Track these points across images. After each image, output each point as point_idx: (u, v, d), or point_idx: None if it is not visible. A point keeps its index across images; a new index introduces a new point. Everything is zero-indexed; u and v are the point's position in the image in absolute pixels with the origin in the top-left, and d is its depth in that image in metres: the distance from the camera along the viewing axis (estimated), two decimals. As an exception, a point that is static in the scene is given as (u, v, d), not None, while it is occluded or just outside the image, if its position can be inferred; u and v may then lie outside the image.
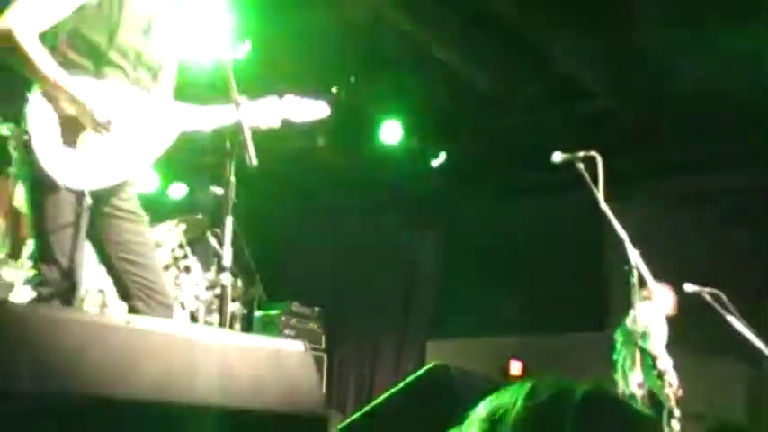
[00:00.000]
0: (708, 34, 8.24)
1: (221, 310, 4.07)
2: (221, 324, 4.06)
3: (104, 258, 4.04)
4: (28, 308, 3.27)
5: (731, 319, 6.85)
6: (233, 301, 8.19)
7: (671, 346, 8.09)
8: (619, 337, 8.18)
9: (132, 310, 3.96)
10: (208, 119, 4.23)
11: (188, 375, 3.02)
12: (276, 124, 4.28)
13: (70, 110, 3.73)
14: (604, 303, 9.94)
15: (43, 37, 3.75)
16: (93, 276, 5.85)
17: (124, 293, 4.04)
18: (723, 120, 9.57)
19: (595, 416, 1.40)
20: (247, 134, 3.83)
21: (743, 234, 9.84)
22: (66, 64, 3.77)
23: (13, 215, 5.84)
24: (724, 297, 6.87)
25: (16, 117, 3.82)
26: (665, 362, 7.98)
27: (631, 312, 6.37)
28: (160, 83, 4.17)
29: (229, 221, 3.93)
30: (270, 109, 4.23)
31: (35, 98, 3.71)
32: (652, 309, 7.89)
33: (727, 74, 8.74)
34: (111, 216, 4.00)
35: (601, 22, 8.48)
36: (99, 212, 3.92)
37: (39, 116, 3.70)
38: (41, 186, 3.73)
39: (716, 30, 8.15)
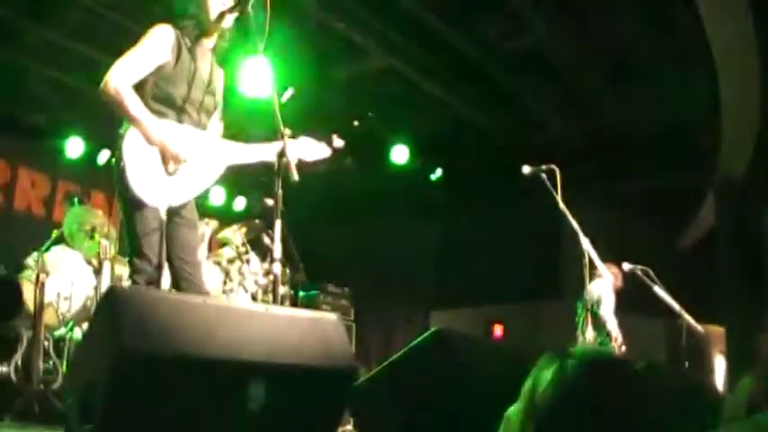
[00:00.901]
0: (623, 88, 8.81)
1: (274, 292, 4.10)
2: (274, 302, 4.10)
3: (167, 255, 4.07)
4: (132, 290, 3.33)
5: (656, 288, 6.91)
6: (282, 284, 8.21)
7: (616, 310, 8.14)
8: (579, 305, 8.21)
9: None
10: (251, 155, 4.25)
11: (250, 339, 3.06)
12: (294, 161, 4.07)
13: (153, 145, 3.79)
14: (561, 279, 9.97)
15: (133, 88, 3.82)
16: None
17: (174, 282, 4.14)
18: (638, 142, 9.76)
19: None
20: (290, 158, 3.85)
21: (657, 225, 10.02)
22: (149, 110, 3.84)
23: (121, 224, 5.90)
24: (651, 272, 6.93)
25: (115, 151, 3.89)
26: (612, 324, 8.00)
27: (588, 286, 6.47)
28: (212, 123, 4.25)
29: (278, 224, 3.94)
30: (292, 149, 4.07)
31: (128, 137, 3.77)
32: (603, 283, 7.94)
33: (639, 113, 9.18)
34: (176, 225, 4.06)
35: (556, 76, 8.64)
36: (169, 221, 3.98)
37: (130, 150, 3.77)
38: (133, 203, 3.80)
39: (628, 85, 8.77)
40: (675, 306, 7.02)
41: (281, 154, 3.90)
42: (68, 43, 8.21)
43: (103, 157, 9.90)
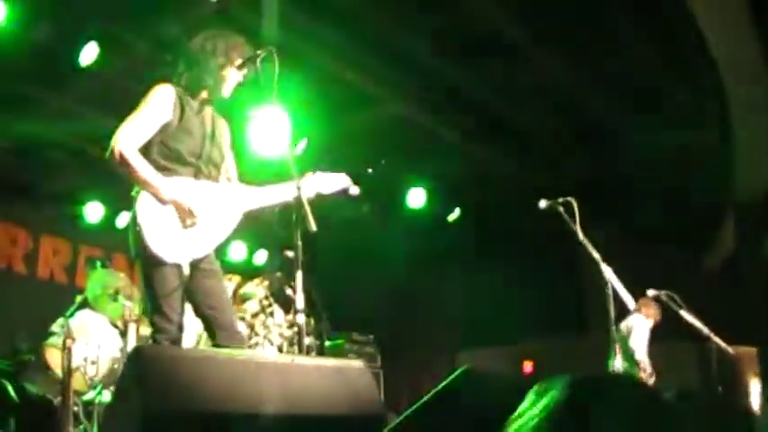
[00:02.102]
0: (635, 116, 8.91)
1: (299, 343, 4.09)
2: (299, 353, 4.08)
3: (195, 307, 4.12)
4: (157, 350, 3.33)
5: (682, 312, 6.86)
6: (307, 335, 8.20)
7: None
8: (613, 335, 8.23)
9: (215, 345, 4.04)
10: (266, 198, 4.29)
11: (277, 391, 3.05)
12: (311, 195, 4.21)
13: (165, 204, 3.82)
14: (587, 311, 9.91)
15: (140, 148, 3.88)
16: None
17: (209, 332, 4.13)
18: (654, 170, 9.83)
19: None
20: (307, 208, 3.85)
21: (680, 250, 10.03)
22: (158, 168, 3.88)
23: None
24: (677, 297, 6.88)
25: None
26: (641, 354, 8.00)
27: (624, 320, 7.25)
28: (222, 174, 4.28)
29: (299, 275, 3.94)
30: (306, 184, 4.16)
31: (141, 198, 3.81)
32: (637, 317, 8.17)
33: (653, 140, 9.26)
34: (199, 276, 4.07)
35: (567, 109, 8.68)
36: (191, 275, 4.01)
37: (145, 211, 3.79)
38: (151, 262, 3.81)
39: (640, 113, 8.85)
40: (704, 329, 6.96)
41: (299, 204, 3.91)
42: (84, 111, 8.35)
43: (123, 219, 9.98)
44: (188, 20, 6.81)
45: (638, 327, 8.28)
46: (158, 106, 3.99)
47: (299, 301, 3.99)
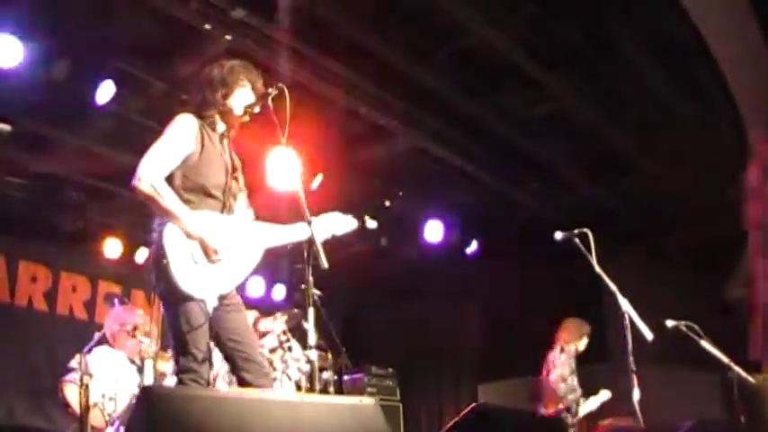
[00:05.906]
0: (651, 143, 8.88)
1: (311, 379, 4.09)
2: (311, 389, 4.07)
3: (218, 342, 4.07)
4: (167, 389, 3.34)
5: (703, 342, 6.79)
6: (326, 370, 8.21)
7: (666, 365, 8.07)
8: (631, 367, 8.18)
9: (241, 380, 4.02)
10: (281, 236, 4.27)
11: (289, 429, 3.05)
12: (326, 236, 4.26)
13: (192, 239, 3.82)
14: (606, 342, 9.82)
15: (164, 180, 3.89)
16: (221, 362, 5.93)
17: (233, 367, 4.10)
18: (670, 196, 9.83)
19: None
20: (319, 246, 3.84)
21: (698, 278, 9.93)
22: (182, 201, 3.89)
23: (163, 320, 5.96)
24: (696, 327, 6.82)
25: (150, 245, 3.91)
26: (562, 390, 8.30)
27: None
28: (240, 207, 4.26)
29: (311, 311, 3.95)
30: (319, 224, 4.17)
31: (167, 232, 3.79)
32: (557, 349, 8.49)
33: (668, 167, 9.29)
34: (222, 311, 4.06)
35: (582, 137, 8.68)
36: (214, 310, 3.98)
37: (171, 246, 3.77)
38: (178, 298, 3.80)
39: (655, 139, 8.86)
40: (725, 359, 6.89)
41: (310, 242, 3.91)
42: (101, 149, 8.43)
43: (142, 255, 10.05)
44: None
45: (558, 362, 8.38)
46: (181, 136, 3.99)
47: (311, 337, 4.00)
